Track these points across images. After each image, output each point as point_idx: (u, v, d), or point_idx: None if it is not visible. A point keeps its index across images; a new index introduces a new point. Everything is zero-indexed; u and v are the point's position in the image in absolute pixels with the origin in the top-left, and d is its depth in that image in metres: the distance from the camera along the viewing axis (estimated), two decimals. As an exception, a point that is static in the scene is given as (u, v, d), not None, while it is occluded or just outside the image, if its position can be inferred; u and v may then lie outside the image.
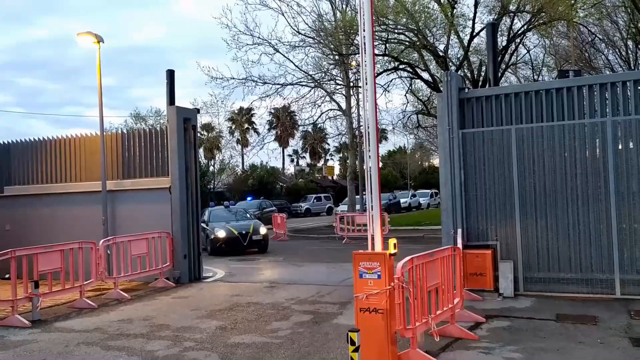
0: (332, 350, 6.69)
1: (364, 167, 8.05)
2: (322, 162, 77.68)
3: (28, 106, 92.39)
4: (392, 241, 6.02)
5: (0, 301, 8.59)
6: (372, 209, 6.20)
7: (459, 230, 9.67)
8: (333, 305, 9.33)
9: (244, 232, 18.54)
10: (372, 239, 6.14)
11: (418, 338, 6.20)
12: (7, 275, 8.97)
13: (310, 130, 49.77)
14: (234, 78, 24.88)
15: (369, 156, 6.39)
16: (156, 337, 7.60)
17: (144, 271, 11.55)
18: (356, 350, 5.03)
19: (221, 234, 18.41)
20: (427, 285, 6.48)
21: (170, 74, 12.84)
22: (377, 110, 6.56)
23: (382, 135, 55.05)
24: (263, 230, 19.16)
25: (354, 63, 25.01)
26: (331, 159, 78.02)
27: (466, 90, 10.33)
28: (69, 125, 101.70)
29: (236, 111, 57.91)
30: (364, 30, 6.44)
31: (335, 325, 7.97)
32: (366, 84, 6.41)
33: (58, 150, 14.06)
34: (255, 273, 14.09)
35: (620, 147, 9.11)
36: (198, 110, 13.72)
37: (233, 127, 63.61)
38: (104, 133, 13.48)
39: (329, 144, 70.98)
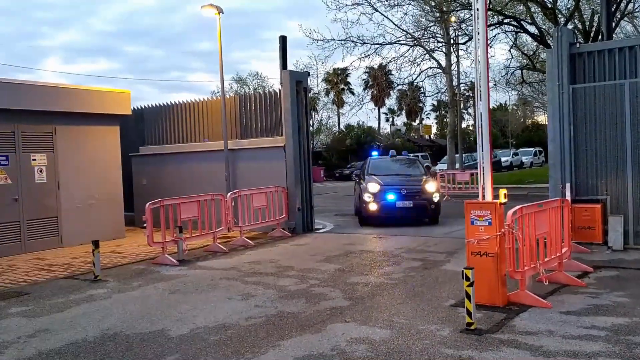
0: (444, 290, 7.37)
1: (476, 120, 8.42)
2: (417, 120, 76.88)
3: (136, 72, 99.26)
4: (503, 191, 6.54)
5: (154, 242, 10.09)
6: (482, 162, 6.70)
7: (567, 185, 9.84)
8: (440, 254, 9.98)
9: (403, 191, 13.83)
10: (483, 189, 6.68)
11: (527, 281, 6.71)
12: (144, 225, 10.28)
13: (406, 89, 49.36)
14: (334, 39, 25.29)
15: (480, 112, 6.83)
16: (284, 275, 8.69)
17: (263, 222, 12.82)
18: (471, 285, 5.68)
19: (374, 188, 13.97)
20: (536, 233, 6.91)
21: (283, 40, 13.74)
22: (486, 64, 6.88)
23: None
24: (431, 187, 14.16)
25: (453, 19, 24.52)
26: (427, 117, 76.98)
27: (577, 45, 10.23)
28: (173, 89, 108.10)
29: (330, 72, 58.64)
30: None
31: (443, 270, 8.64)
32: (478, 40, 6.80)
33: (184, 113, 15.62)
34: (361, 225, 14.79)
35: None
36: (308, 74, 14.54)
37: (329, 87, 64.49)
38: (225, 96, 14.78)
39: (423, 104, 69.85)
